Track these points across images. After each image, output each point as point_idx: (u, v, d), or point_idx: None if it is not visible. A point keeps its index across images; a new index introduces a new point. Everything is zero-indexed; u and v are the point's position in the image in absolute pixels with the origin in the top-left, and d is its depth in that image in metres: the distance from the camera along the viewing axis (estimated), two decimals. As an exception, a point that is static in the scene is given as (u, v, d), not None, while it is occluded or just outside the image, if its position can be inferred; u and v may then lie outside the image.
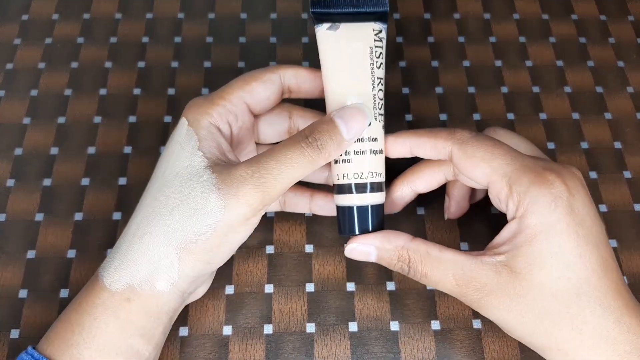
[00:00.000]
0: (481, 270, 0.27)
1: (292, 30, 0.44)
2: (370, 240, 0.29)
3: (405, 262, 0.29)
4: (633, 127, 0.40)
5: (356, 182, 0.30)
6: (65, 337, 0.27)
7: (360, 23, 0.30)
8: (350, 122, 0.28)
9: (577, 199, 0.27)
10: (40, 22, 0.44)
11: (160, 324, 0.28)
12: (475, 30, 0.45)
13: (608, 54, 0.44)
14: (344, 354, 0.32)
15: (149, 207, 0.28)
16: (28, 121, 0.40)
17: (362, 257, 0.30)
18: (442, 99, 0.41)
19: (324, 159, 0.28)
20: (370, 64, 0.30)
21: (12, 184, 0.37)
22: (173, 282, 0.27)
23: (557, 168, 0.28)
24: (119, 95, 0.41)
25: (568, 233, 0.26)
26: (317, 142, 0.27)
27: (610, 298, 0.26)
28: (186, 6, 0.45)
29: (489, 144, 0.28)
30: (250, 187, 0.27)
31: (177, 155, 0.29)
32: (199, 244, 0.27)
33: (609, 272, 0.26)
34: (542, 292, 0.26)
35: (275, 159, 0.27)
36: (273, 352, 0.32)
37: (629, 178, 0.38)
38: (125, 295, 0.27)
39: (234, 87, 0.31)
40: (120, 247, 0.28)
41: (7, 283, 0.34)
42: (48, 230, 0.36)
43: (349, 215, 0.30)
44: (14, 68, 0.42)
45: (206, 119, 0.30)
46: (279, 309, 0.34)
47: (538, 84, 0.42)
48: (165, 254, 0.27)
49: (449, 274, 0.27)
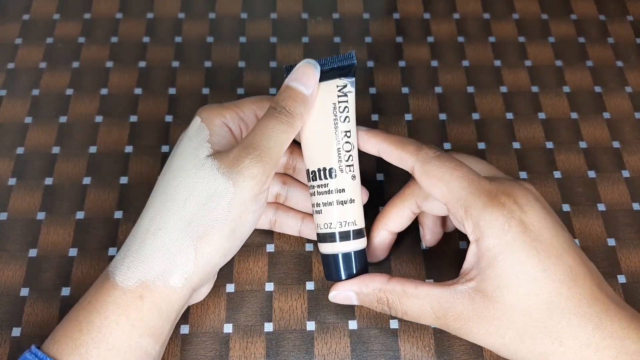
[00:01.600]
0: (456, 299, 0.27)
1: (292, 30, 0.44)
2: (349, 287, 0.31)
3: (384, 303, 0.30)
4: (631, 127, 0.41)
5: (327, 232, 0.31)
6: (73, 337, 0.27)
7: (325, 82, 0.31)
8: (303, 79, 0.30)
9: (530, 215, 0.27)
10: (41, 21, 0.44)
11: (169, 322, 0.28)
12: (475, 30, 0.45)
13: (607, 54, 0.44)
14: (344, 351, 0.32)
15: (160, 201, 0.29)
16: (29, 120, 0.40)
17: (346, 302, 0.31)
18: (441, 99, 0.41)
19: (299, 119, 0.30)
20: (334, 119, 0.31)
21: (13, 183, 0.37)
22: (187, 276, 0.28)
23: (510, 188, 0.28)
24: (120, 94, 0.41)
25: (526, 250, 0.26)
26: (285, 108, 0.30)
27: (585, 305, 0.26)
28: (186, 6, 0.45)
29: (449, 166, 0.29)
30: (249, 161, 0.28)
31: (185, 148, 0.30)
32: (215, 231, 0.28)
33: (579, 279, 0.27)
34: (516, 312, 0.26)
35: (260, 133, 0.29)
36: (273, 350, 0.32)
37: (627, 177, 0.39)
38: (137, 292, 0.27)
39: (247, 100, 0.33)
40: (133, 243, 0.28)
41: (9, 281, 0.34)
42: (49, 229, 0.36)
43: (330, 262, 0.32)
44: (15, 68, 0.42)
45: (219, 119, 0.31)
46: (279, 307, 0.34)
47: (537, 84, 0.42)
48: (182, 248, 0.28)
49: (427, 308, 0.28)
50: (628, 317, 0.26)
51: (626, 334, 0.26)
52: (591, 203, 0.38)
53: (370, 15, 0.45)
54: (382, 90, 0.42)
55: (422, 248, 0.36)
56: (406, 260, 0.35)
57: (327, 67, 0.31)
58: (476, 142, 0.40)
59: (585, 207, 0.37)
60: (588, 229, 0.37)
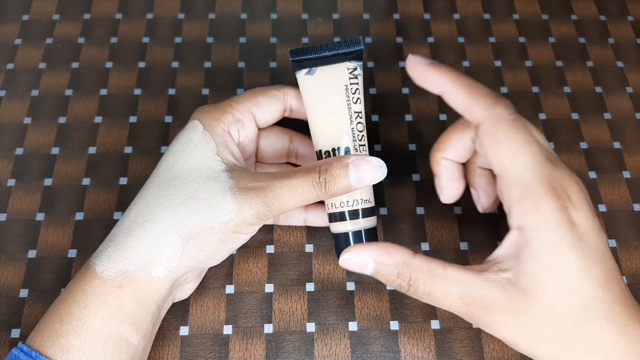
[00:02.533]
0: (488, 288, 0.26)
1: (292, 30, 0.44)
2: (369, 252, 0.28)
3: (406, 279, 0.27)
4: (632, 127, 0.41)
5: (339, 211, 0.31)
6: (54, 328, 0.27)
7: (335, 64, 0.32)
8: (363, 175, 0.29)
9: (581, 214, 0.26)
10: (40, 22, 0.44)
11: (149, 312, 0.28)
12: (475, 30, 0.45)
13: (607, 54, 0.44)
14: (344, 353, 0.32)
15: (152, 196, 0.29)
16: (29, 121, 0.40)
17: (358, 269, 0.28)
18: (442, 99, 0.41)
19: (327, 197, 0.29)
20: (347, 100, 0.32)
21: (12, 184, 0.37)
22: (171, 269, 0.28)
23: (569, 182, 0.27)
24: (120, 95, 0.41)
25: (573, 249, 0.26)
26: (326, 183, 0.29)
27: (617, 310, 0.26)
28: (186, 6, 0.45)
29: (523, 137, 0.27)
30: (261, 201, 0.28)
31: (191, 154, 0.30)
32: (207, 236, 0.28)
33: (613, 284, 0.26)
34: (551, 309, 0.26)
35: (287, 186, 0.29)
36: (273, 352, 0.32)
37: (628, 178, 0.38)
38: (117, 282, 0.27)
39: (242, 97, 0.33)
40: (117, 234, 0.29)
41: (8, 282, 0.34)
42: (49, 230, 0.36)
43: (341, 241, 0.31)
44: (14, 68, 0.42)
45: (220, 125, 0.31)
46: (279, 309, 0.34)
47: (537, 84, 0.42)
48: (169, 242, 0.28)
49: (455, 292, 0.26)
50: None
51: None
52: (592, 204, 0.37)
53: (370, 15, 0.45)
54: (382, 90, 0.42)
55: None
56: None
57: (335, 50, 0.32)
58: (476, 143, 0.40)
59: (586, 208, 0.37)
60: (589, 229, 0.36)
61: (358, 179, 0.29)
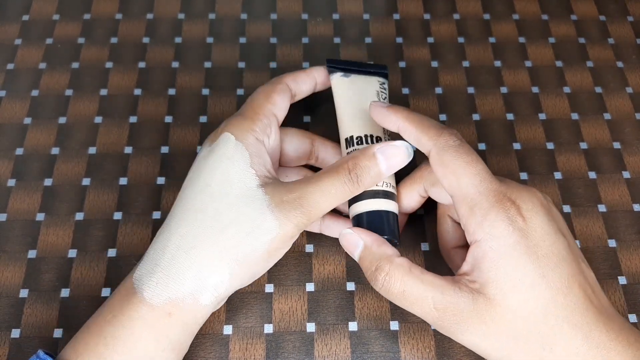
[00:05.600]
0: (460, 297, 0.27)
1: (292, 30, 0.44)
2: (363, 235, 0.30)
3: (384, 273, 0.28)
4: (632, 128, 0.41)
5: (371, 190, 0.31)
6: (97, 350, 0.26)
7: (367, 76, 0.36)
8: (392, 160, 0.30)
9: (533, 221, 0.27)
10: (40, 22, 0.44)
11: (191, 336, 0.29)
12: (475, 30, 0.45)
13: (607, 55, 0.44)
14: (344, 353, 0.32)
15: (195, 220, 0.29)
16: (29, 121, 0.40)
17: (349, 247, 0.31)
18: (441, 99, 0.41)
19: (360, 191, 0.30)
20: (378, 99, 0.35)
21: (13, 184, 0.37)
22: (218, 295, 0.28)
23: (517, 191, 0.28)
24: (120, 95, 0.41)
25: (527, 254, 0.27)
26: (357, 177, 0.29)
27: (578, 314, 0.26)
28: (186, 6, 0.45)
29: (465, 160, 0.28)
30: (299, 213, 0.29)
31: (227, 170, 0.30)
32: (252, 258, 0.29)
33: (574, 288, 0.27)
34: (515, 316, 0.26)
35: (320, 190, 0.29)
36: (273, 352, 0.32)
37: (628, 178, 0.38)
38: (166, 309, 0.27)
39: (260, 101, 0.33)
40: (161, 258, 0.28)
41: (8, 282, 0.34)
42: (49, 230, 0.36)
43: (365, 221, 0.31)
44: (14, 68, 0.42)
45: (252, 135, 0.31)
46: (279, 309, 0.34)
47: (537, 84, 0.42)
48: (216, 269, 0.28)
49: (428, 295, 0.27)
50: (617, 329, 0.26)
51: (613, 346, 0.26)
52: (592, 204, 0.37)
53: (370, 16, 0.45)
54: (382, 90, 0.42)
55: None
56: None
57: (367, 68, 0.37)
58: (476, 143, 0.40)
59: (586, 208, 0.37)
60: (589, 230, 0.37)
61: (388, 166, 0.30)
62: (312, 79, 0.36)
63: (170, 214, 0.30)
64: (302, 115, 0.40)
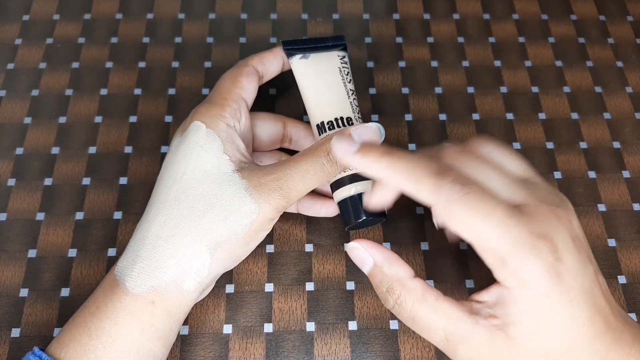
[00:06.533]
0: (476, 331, 0.25)
1: (292, 30, 0.44)
2: (375, 251, 0.28)
3: (393, 297, 0.27)
4: (632, 127, 0.41)
5: (346, 175, 0.32)
6: (82, 342, 0.26)
7: (326, 52, 0.36)
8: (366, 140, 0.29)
9: (566, 263, 0.25)
10: (41, 22, 0.44)
11: (177, 324, 0.29)
12: (475, 30, 0.45)
13: (607, 54, 0.44)
14: (344, 352, 0.32)
15: (172, 209, 0.29)
16: (29, 121, 0.40)
17: (357, 262, 0.29)
18: (441, 99, 0.41)
19: (339, 172, 0.30)
20: (342, 79, 0.35)
21: (13, 184, 0.37)
22: (200, 280, 0.28)
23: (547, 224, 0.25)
24: (120, 95, 0.41)
25: (561, 301, 0.25)
26: (335, 159, 0.29)
27: (598, 341, 0.25)
28: (186, 6, 0.45)
29: (481, 212, 0.25)
30: (277, 195, 0.29)
31: (199, 157, 0.30)
32: (233, 242, 0.29)
33: (597, 314, 0.25)
34: (536, 354, 0.25)
35: (298, 172, 0.29)
36: (273, 351, 0.32)
37: (628, 178, 0.38)
38: (149, 298, 0.27)
39: (227, 86, 0.33)
40: (142, 248, 0.28)
41: (8, 282, 0.34)
42: (49, 230, 0.36)
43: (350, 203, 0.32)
44: (15, 68, 0.42)
45: (222, 121, 0.31)
46: (279, 308, 0.34)
47: (537, 84, 0.42)
48: (197, 255, 0.28)
49: (440, 326, 0.26)
50: (630, 341, 0.26)
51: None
52: (591, 203, 0.37)
53: (370, 16, 0.45)
54: (382, 90, 0.42)
55: None
56: (406, 260, 0.35)
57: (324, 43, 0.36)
58: (476, 143, 0.40)
59: (586, 207, 0.37)
60: (588, 229, 0.37)
61: None
62: (279, 59, 0.35)
63: (148, 205, 0.30)
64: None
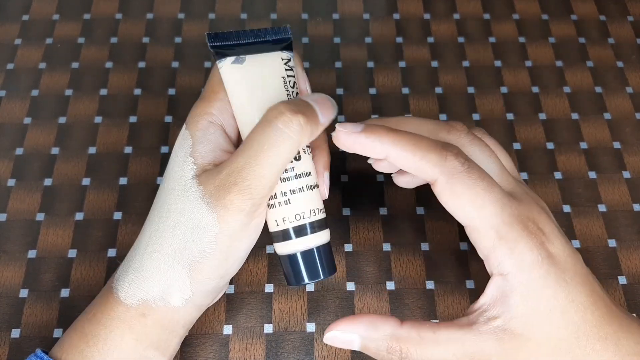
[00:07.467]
0: (483, 342, 0.25)
1: (292, 30, 0.44)
2: (354, 327, 0.26)
3: (397, 354, 0.25)
4: (632, 128, 0.41)
5: (299, 224, 0.27)
6: (80, 348, 0.26)
7: (267, 54, 0.28)
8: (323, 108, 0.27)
9: (555, 244, 0.25)
10: (40, 22, 0.44)
11: (175, 336, 0.28)
12: (475, 30, 0.45)
13: (607, 54, 0.44)
14: (344, 352, 0.32)
15: (155, 222, 0.28)
16: (29, 121, 0.40)
17: (345, 346, 0.26)
18: (441, 99, 0.41)
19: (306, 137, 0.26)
20: (287, 94, 0.28)
21: (12, 184, 0.37)
22: (187, 298, 0.27)
23: (535, 213, 0.26)
24: (120, 95, 0.41)
25: (558, 282, 0.25)
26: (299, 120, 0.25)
27: (606, 326, 0.25)
28: (186, 6, 0.45)
29: (481, 186, 0.25)
30: (235, 194, 0.25)
31: (172, 165, 0.28)
32: (205, 261, 0.26)
33: (598, 299, 0.25)
34: (547, 347, 0.25)
35: (253, 155, 0.25)
36: (273, 352, 0.32)
37: (628, 178, 0.38)
38: (140, 310, 0.27)
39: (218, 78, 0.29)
40: (133, 260, 0.28)
41: (8, 282, 0.34)
42: (49, 230, 0.36)
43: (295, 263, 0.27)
44: (14, 68, 0.42)
45: (204, 118, 0.28)
46: (279, 309, 0.34)
47: (537, 84, 0.42)
48: (175, 274, 0.26)
49: (450, 354, 0.25)
50: (638, 329, 0.26)
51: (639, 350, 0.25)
52: (592, 204, 0.37)
53: (370, 15, 0.45)
54: (382, 90, 0.42)
55: None
56: (406, 261, 0.35)
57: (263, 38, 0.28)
58: (476, 143, 0.40)
59: (586, 208, 0.37)
60: (589, 230, 0.37)
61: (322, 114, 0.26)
62: None
63: None
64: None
